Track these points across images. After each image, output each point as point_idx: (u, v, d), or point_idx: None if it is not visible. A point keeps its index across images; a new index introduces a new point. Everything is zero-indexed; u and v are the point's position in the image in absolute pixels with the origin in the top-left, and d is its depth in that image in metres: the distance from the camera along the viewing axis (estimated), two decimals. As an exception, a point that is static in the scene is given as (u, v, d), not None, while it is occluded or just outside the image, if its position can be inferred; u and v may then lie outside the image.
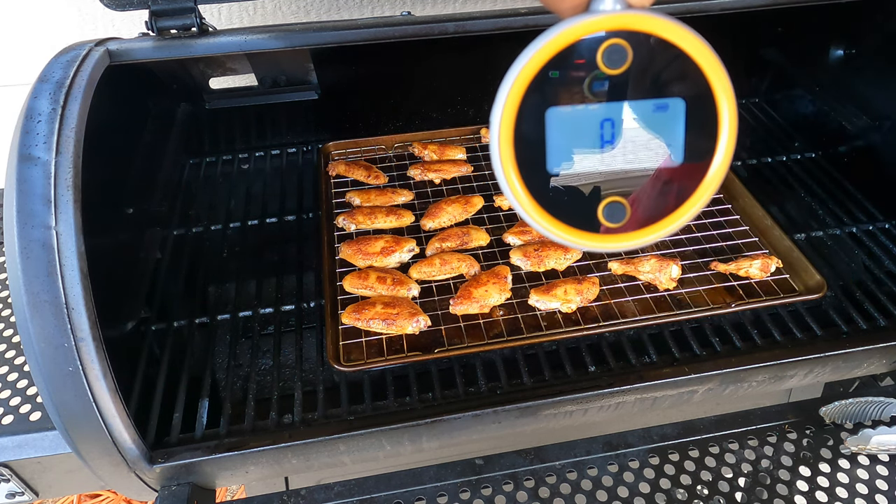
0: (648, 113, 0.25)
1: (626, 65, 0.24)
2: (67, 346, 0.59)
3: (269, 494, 0.72)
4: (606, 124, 0.25)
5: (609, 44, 0.24)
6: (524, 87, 0.24)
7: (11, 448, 0.71)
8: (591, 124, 0.25)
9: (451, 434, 0.73)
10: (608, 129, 0.25)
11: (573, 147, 0.25)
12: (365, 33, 0.78)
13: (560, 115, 0.25)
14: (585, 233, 0.25)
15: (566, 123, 0.25)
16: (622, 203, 0.25)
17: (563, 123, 0.25)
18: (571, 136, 0.25)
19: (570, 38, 0.24)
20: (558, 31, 0.24)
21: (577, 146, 0.25)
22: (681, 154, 0.26)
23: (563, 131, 0.25)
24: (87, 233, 0.61)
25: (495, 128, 0.25)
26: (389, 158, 1.11)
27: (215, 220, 1.00)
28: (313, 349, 0.82)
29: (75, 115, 0.64)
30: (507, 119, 0.24)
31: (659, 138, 0.25)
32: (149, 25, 0.77)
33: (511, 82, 0.24)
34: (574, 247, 0.26)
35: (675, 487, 0.72)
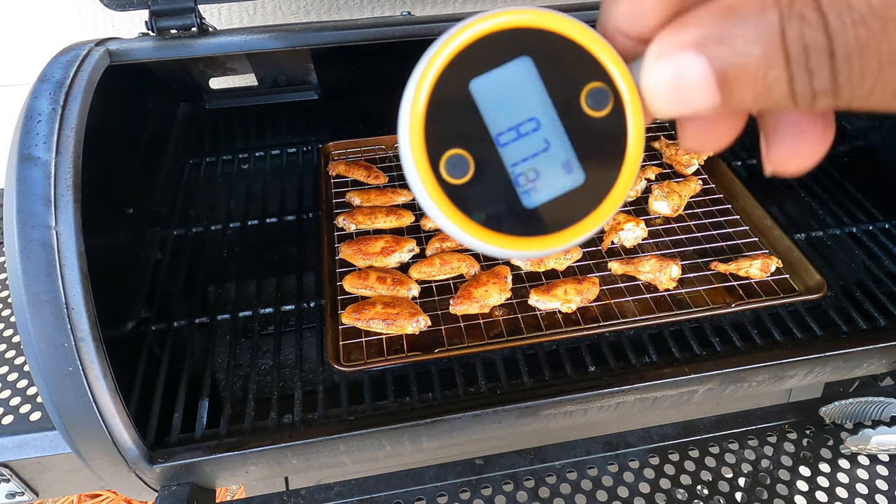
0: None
1: None
2: (67, 346, 0.59)
3: (269, 494, 0.72)
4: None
5: None
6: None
7: (11, 448, 0.71)
8: None
9: (451, 434, 0.73)
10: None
11: None
12: (365, 33, 0.78)
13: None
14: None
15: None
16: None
17: None
18: None
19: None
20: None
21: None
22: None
23: None
24: (87, 233, 0.61)
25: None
26: (389, 158, 1.11)
27: (215, 220, 1.00)
28: (313, 349, 0.82)
29: (75, 115, 0.64)
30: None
31: None
32: (149, 25, 0.77)
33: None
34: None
35: (675, 487, 0.72)
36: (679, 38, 0.21)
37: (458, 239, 0.24)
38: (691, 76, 0.21)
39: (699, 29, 0.21)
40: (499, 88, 0.23)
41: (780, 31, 0.19)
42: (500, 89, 0.24)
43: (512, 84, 0.24)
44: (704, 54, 0.20)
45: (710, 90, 0.21)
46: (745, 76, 0.20)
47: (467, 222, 0.24)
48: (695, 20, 0.21)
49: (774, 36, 0.20)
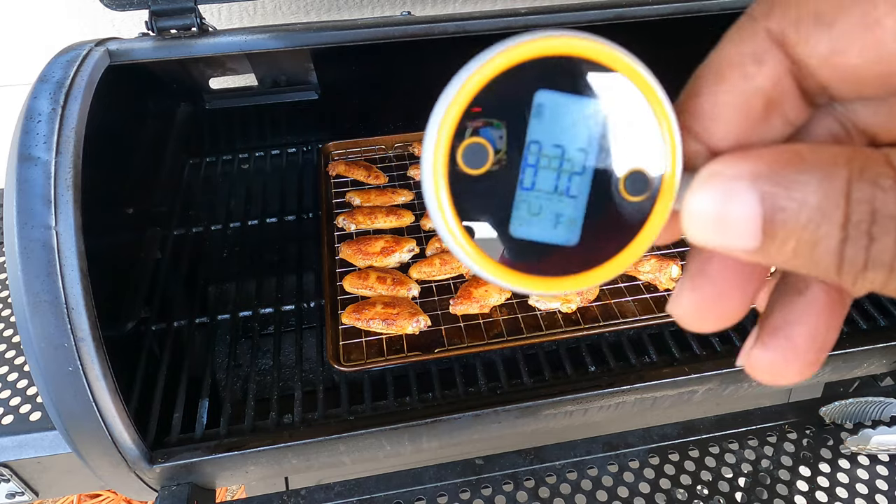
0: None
1: None
2: (67, 346, 0.59)
3: (269, 494, 0.72)
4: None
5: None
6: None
7: (11, 448, 0.71)
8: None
9: (451, 434, 0.73)
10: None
11: None
12: (365, 33, 0.78)
13: None
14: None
15: None
16: None
17: None
18: None
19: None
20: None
21: None
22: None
23: None
24: (87, 233, 0.61)
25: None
26: (389, 158, 1.11)
27: (215, 220, 1.00)
28: (313, 349, 0.82)
29: (75, 115, 0.64)
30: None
31: None
32: (149, 25, 0.77)
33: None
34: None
35: (675, 487, 0.72)
36: (738, 167, 0.20)
37: (435, 224, 0.23)
38: (738, 208, 0.19)
39: (760, 164, 0.19)
40: (559, 115, 0.22)
41: (846, 191, 0.18)
42: (560, 117, 0.22)
43: (572, 118, 0.22)
44: (758, 190, 0.19)
45: (754, 230, 0.19)
46: (793, 223, 0.19)
47: (454, 218, 0.23)
48: (759, 154, 0.20)
49: (838, 192, 0.18)
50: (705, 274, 0.23)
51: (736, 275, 0.23)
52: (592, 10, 0.80)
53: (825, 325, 0.23)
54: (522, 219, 0.23)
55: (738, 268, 0.23)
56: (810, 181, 0.18)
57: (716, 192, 0.20)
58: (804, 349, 0.22)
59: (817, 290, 0.23)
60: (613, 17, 0.80)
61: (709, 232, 0.20)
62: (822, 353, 0.23)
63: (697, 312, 0.24)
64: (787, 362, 0.23)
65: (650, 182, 0.22)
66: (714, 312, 0.23)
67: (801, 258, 0.19)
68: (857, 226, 0.18)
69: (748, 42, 0.21)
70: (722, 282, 0.23)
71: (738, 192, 0.19)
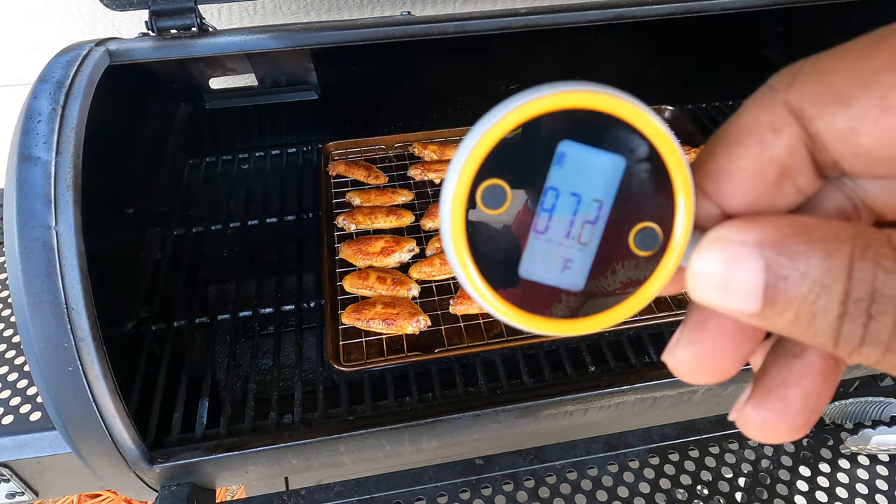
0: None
1: None
2: (67, 346, 0.59)
3: (269, 494, 0.72)
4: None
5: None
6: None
7: (11, 448, 0.71)
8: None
9: (451, 434, 0.73)
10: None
11: None
12: (365, 33, 0.78)
13: None
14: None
15: None
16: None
17: None
18: None
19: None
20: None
21: None
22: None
23: None
24: (87, 233, 0.61)
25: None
26: (389, 158, 1.11)
27: (215, 220, 1.00)
28: (313, 349, 0.82)
29: (75, 115, 0.64)
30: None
31: None
32: (149, 25, 0.77)
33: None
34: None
35: (675, 487, 0.72)
36: (745, 233, 0.20)
37: (448, 257, 0.24)
38: (742, 274, 0.20)
39: (767, 232, 0.20)
40: (579, 165, 0.23)
41: (848, 267, 0.18)
42: (579, 167, 0.23)
43: (591, 170, 0.23)
44: (762, 257, 0.20)
45: (755, 295, 0.20)
46: (794, 293, 0.19)
47: (467, 253, 0.23)
48: (766, 222, 0.20)
49: (840, 268, 0.18)
50: (704, 328, 0.24)
51: (734, 333, 0.24)
52: (592, 10, 0.80)
53: (819, 389, 0.23)
54: (532, 261, 0.24)
55: (736, 327, 0.24)
56: (814, 254, 0.19)
57: (721, 256, 0.21)
58: (797, 411, 0.23)
59: (814, 355, 0.23)
60: (613, 17, 0.80)
61: (711, 293, 0.21)
62: (815, 415, 0.23)
63: (693, 365, 0.24)
64: (779, 423, 0.23)
65: (659, 239, 0.23)
66: (709, 367, 0.24)
67: (800, 327, 0.20)
68: (857, 303, 0.18)
69: (767, 111, 0.22)
70: (720, 338, 0.24)
71: (743, 257, 0.20)
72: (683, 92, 1.19)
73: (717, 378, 0.24)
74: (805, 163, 0.22)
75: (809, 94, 0.21)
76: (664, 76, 1.19)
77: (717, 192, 0.23)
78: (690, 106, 1.20)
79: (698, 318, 0.24)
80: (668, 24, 0.83)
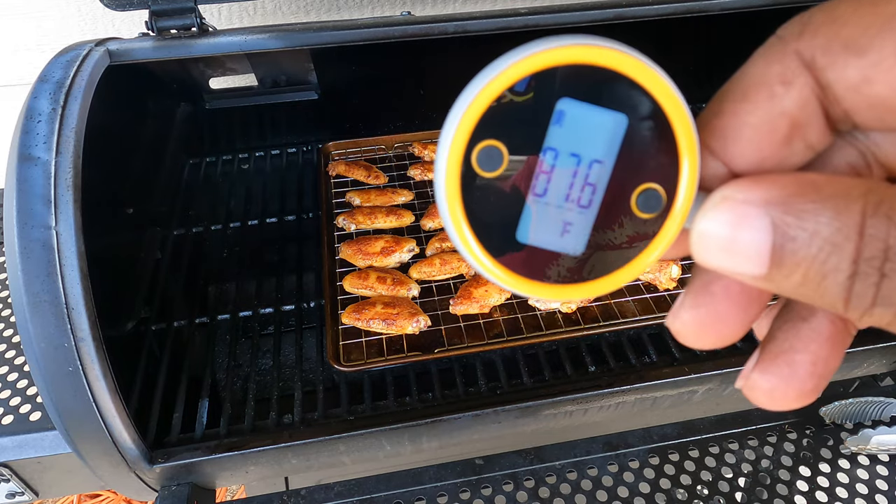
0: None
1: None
2: (67, 346, 0.59)
3: (269, 494, 0.72)
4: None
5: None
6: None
7: (11, 448, 0.71)
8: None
9: (451, 434, 0.73)
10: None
11: None
12: (365, 33, 0.78)
13: None
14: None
15: None
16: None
17: None
18: None
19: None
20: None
21: None
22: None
23: None
24: (87, 233, 0.61)
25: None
26: (389, 158, 1.11)
27: (215, 220, 1.00)
28: (313, 349, 0.82)
29: (75, 115, 0.64)
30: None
31: None
32: (149, 25, 0.77)
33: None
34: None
35: (675, 487, 0.72)
36: (751, 192, 0.20)
37: (444, 221, 0.23)
38: (748, 234, 0.19)
39: (774, 191, 0.19)
40: (579, 124, 0.22)
41: (860, 225, 0.18)
42: (579, 126, 0.22)
43: (594, 130, 0.22)
44: (769, 217, 0.19)
45: (762, 257, 0.19)
46: (803, 254, 0.18)
47: (463, 218, 0.22)
48: (773, 180, 0.19)
49: (851, 226, 0.18)
50: (708, 292, 0.23)
51: (739, 296, 0.23)
52: (592, 10, 0.80)
53: (828, 353, 0.22)
54: (531, 225, 0.23)
55: (741, 290, 0.23)
56: (824, 212, 0.18)
57: (726, 216, 0.20)
58: (805, 376, 0.22)
59: (822, 318, 0.23)
60: (613, 17, 0.80)
61: (716, 255, 0.20)
62: (823, 381, 0.22)
63: (696, 329, 0.23)
64: (787, 388, 0.22)
65: (662, 201, 0.22)
66: (713, 331, 0.23)
67: (808, 289, 0.19)
68: (869, 262, 0.18)
69: (777, 62, 0.21)
70: (724, 302, 0.23)
71: (749, 217, 0.19)
72: (683, 92, 1.19)
73: (721, 342, 0.24)
74: (816, 116, 0.21)
75: (821, 42, 0.20)
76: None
77: (724, 150, 0.22)
78: (690, 106, 1.19)
79: (703, 281, 0.23)
80: (668, 24, 0.83)
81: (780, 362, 0.23)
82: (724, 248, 0.20)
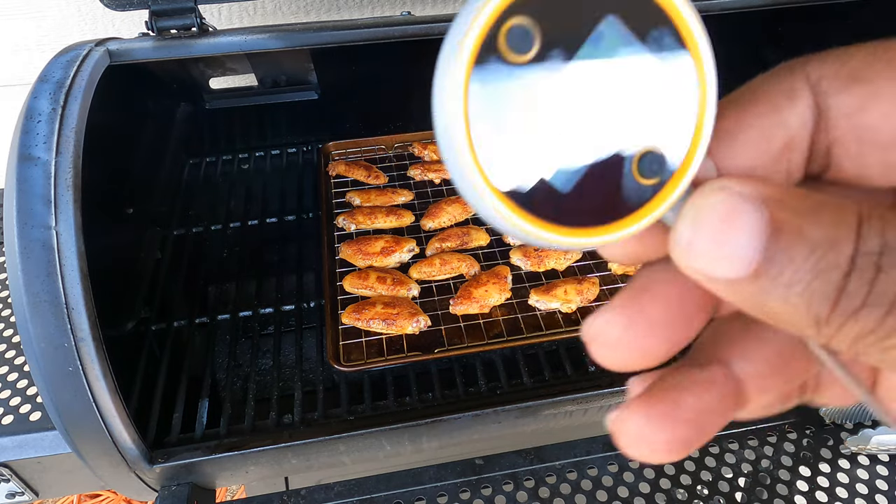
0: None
1: None
2: (67, 346, 0.59)
3: (269, 494, 0.72)
4: None
5: None
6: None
7: (11, 448, 0.71)
8: None
9: (451, 434, 0.73)
10: None
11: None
12: (365, 33, 0.78)
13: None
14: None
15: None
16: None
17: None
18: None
19: None
20: None
21: None
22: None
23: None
24: (87, 233, 0.61)
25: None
26: (389, 158, 1.11)
27: (215, 220, 1.00)
28: (313, 349, 0.82)
29: (75, 115, 0.64)
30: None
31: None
32: (149, 25, 0.77)
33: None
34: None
35: (675, 487, 0.72)
36: (749, 185, 0.19)
37: (439, 116, 0.20)
38: (742, 226, 0.18)
39: (770, 188, 0.19)
40: (613, 52, 0.20)
41: (857, 224, 0.17)
42: (613, 55, 0.20)
43: (624, 66, 0.20)
44: (767, 211, 0.18)
45: (753, 252, 0.18)
46: (799, 249, 0.18)
47: (464, 111, 0.20)
48: (769, 180, 0.19)
49: (850, 224, 0.17)
50: (644, 295, 0.22)
51: (678, 307, 0.22)
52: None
53: (716, 406, 0.22)
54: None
55: (681, 300, 0.22)
56: (822, 212, 0.18)
57: (721, 207, 0.19)
58: (685, 421, 0.21)
59: (717, 369, 0.22)
60: (613, 17, 0.80)
61: (702, 251, 0.19)
62: (700, 435, 0.21)
63: (619, 335, 0.22)
64: (661, 430, 0.21)
65: (663, 169, 0.21)
66: (636, 342, 0.22)
67: (793, 293, 0.18)
68: (866, 256, 0.17)
69: (786, 80, 0.21)
70: (660, 308, 0.22)
71: (744, 209, 0.18)
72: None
73: (639, 358, 0.22)
74: (805, 142, 0.21)
75: (830, 69, 0.21)
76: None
77: (719, 150, 0.22)
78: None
79: (641, 283, 0.22)
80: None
81: (666, 399, 0.22)
82: (713, 240, 0.19)
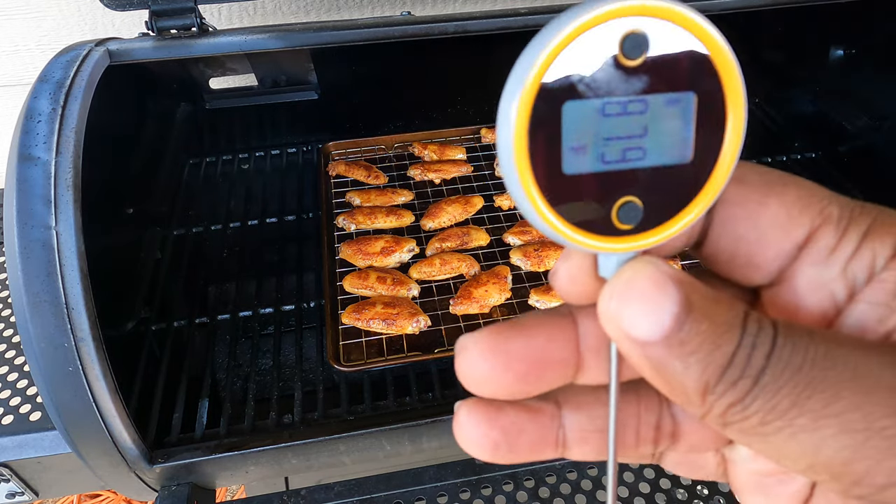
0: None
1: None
2: (67, 346, 0.59)
3: (269, 494, 0.72)
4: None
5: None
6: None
7: (11, 448, 0.71)
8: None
9: (451, 434, 0.73)
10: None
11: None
12: (365, 33, 0.78)
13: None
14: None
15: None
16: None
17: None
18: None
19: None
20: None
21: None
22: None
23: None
24: (87, 233, 0.61)
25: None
26: (389, 158, 1.11)
27: (215, 220, 1.00)
28: (313, 349, 0.82)
29: (75, 115, 0.64)
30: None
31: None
32: (149, 25, 0.77)
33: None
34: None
35: (675, 487, 0.72)
36: (672, 269, 0.21)
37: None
38: (666, 292, 0.21)
39: (686, 276, 0.21)
40: None
41: (743, 319, 0.20)
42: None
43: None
44: (684, 289, 0.21)
45: (667, 318, 0.20)
46: (706, 324, 0.20)
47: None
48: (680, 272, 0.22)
49: (737, 316, 0.20)
50: (509, 331, 0.24)
51: (537, 354, 0.24)
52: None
53: (536, 438, 0.25)
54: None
55: (544, 350, 0.24)
56: (721, 301, 0.21)
57: (654, 275, 0.21)
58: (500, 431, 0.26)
59: (549, 408, 0.26)
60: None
61: (632, 304, 0.21)
62: (526, 451, 0.25)
63: (475, 355, 0.24)
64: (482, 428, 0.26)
65: (640, 214, 0.22)
66: (488, 368, 0.24)
67: (693, 362, 0.20)
68: (749, 338, 0.20)
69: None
70: (519, 349, 0.24)
71: (669, 283, 0.21)
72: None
73: (490, 385, 0.24)
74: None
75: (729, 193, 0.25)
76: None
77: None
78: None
79: (522, 318, 0.25)
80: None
81: (492, 405, 0.26)
82: (641, 297, 0.21)
